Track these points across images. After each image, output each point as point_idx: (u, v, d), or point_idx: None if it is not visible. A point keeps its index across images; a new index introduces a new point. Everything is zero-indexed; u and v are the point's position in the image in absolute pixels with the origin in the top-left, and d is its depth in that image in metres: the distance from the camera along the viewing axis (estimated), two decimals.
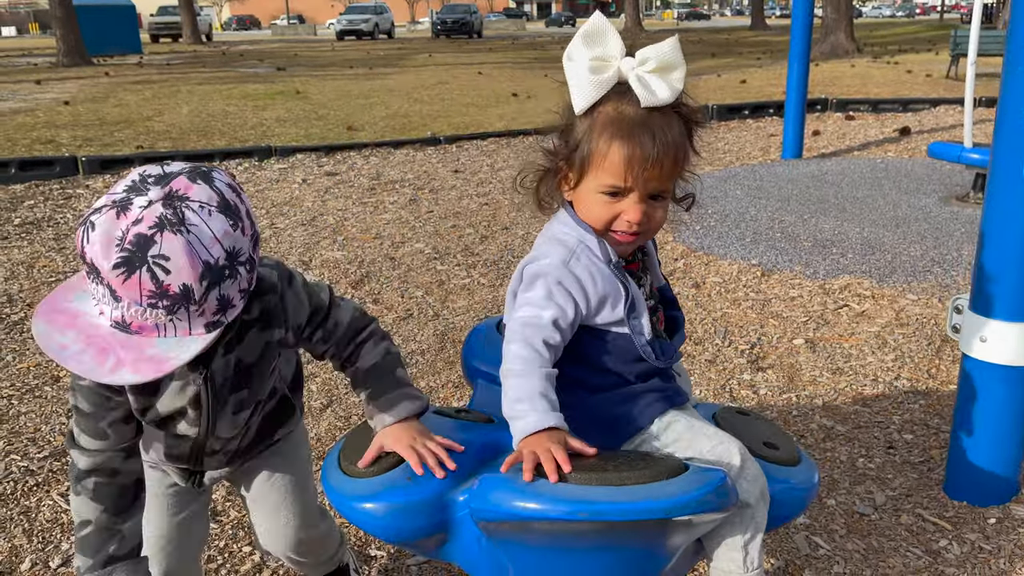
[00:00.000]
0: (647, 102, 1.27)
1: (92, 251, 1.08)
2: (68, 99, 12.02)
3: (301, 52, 26.26)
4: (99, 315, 1.13)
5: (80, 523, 1.30)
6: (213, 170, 1.18)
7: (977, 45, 4.54)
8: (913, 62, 16.85)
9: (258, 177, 6.58)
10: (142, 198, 1.09)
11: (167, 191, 1.10)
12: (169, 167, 1.15)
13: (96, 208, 1.10)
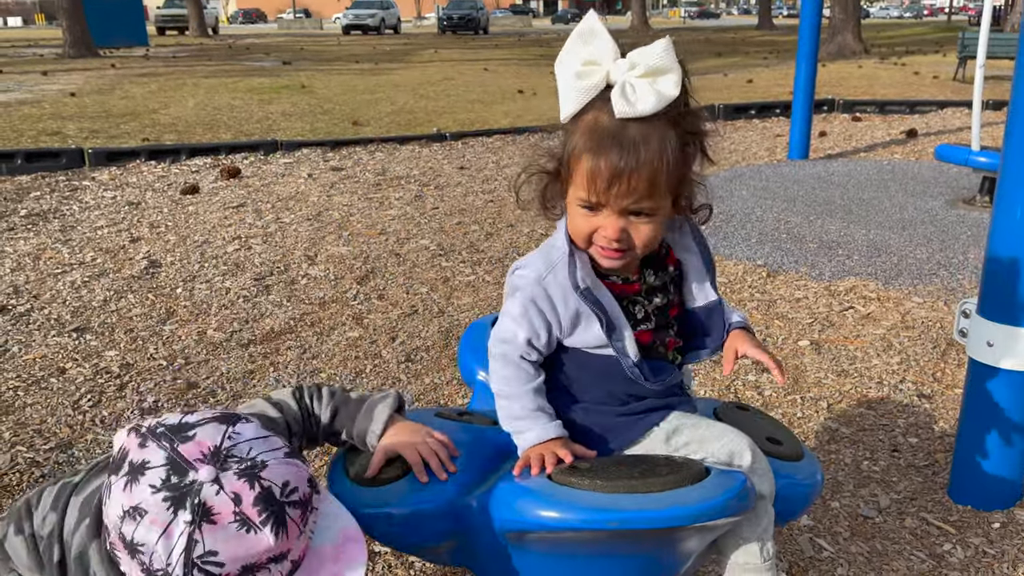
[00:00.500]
0: (621, 112, 1.19)
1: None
2: (74, 90, 12.03)
3: (307, 46, 26.24)
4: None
5: None
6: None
7: (986, 48, 4.52)
8: (920, 64, 16.81)
9: (264, 171, 6.58)
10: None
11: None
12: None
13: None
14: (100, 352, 3.17)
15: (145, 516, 0.99)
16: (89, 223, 5.00)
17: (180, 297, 3.77)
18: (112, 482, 1.04)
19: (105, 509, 1.04)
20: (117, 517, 1.01)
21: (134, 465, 1.02)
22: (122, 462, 1.04)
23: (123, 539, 1.01)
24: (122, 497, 1.01)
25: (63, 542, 1.16)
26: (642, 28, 37.98)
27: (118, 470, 1.04)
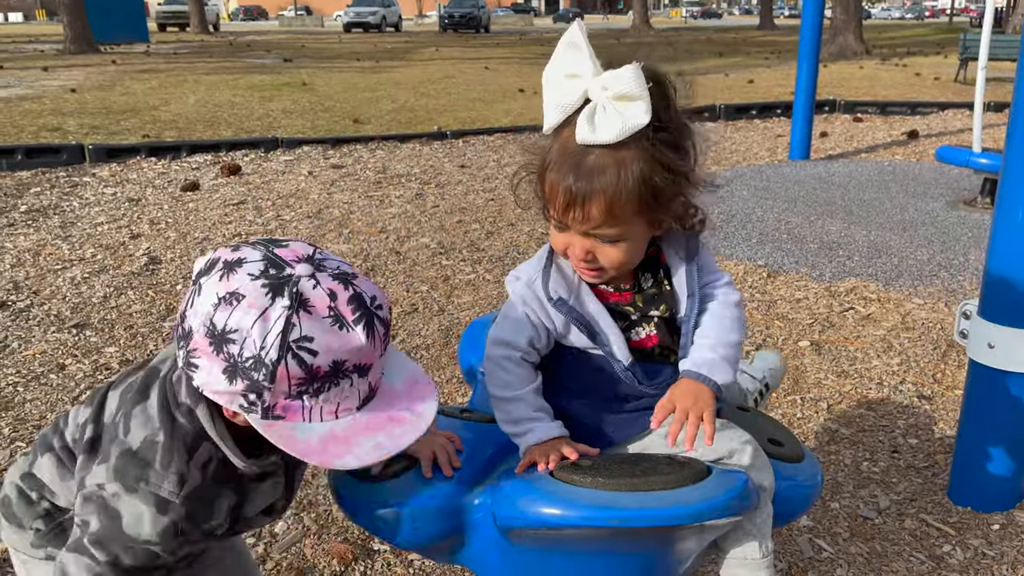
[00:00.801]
0: (583, 139, 1.16)
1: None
2: (75, 86, 12.02)
3: (308, 43, 26.23)
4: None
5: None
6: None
7: (988, 50, 4.52)
8: (922, 65, 16.80)
9: (264, 169, 6.58)
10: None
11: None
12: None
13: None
14: (100, 348, 3.17)
15: (242, 300, 0.98)
16: (89, 219, 5.00)
17: (180, 294, 3.77)
18: (203, 281, 1.01)
19: (191, 310, 1.01)
20: (211, 306, 0.98)
21: (229, 262, 1.01)
22: (213, 265, 1.02)
23: (212, 331, 0.98)
24: (217, 287, 0.99)
25: (101, 424, 1.16)
26: (643, 27, 37.95)
27: (210, 270, 1.02)
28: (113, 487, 1.08)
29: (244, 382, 0.99)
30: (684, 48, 23.31)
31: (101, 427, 1.15)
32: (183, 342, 1.02)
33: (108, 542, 1.08)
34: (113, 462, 1.10)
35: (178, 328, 1.04)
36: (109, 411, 1.16)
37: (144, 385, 1.15)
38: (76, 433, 1.18)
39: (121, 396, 1.17)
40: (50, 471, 1.21)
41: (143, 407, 1.13)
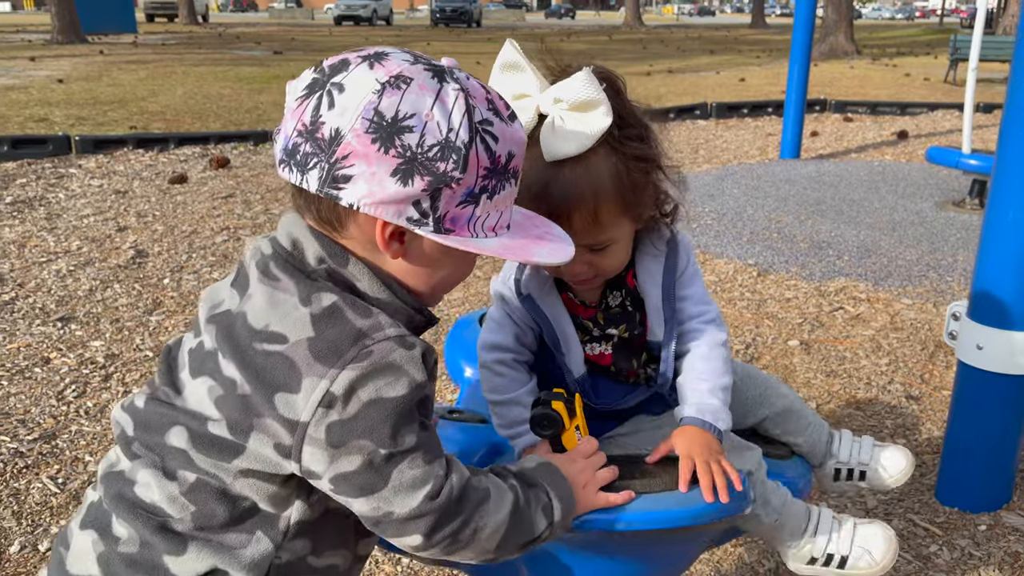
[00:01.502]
0: (551, 155, 1.12)
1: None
2: (62, 77, 11.91)
3: (298, 36, 26.09)
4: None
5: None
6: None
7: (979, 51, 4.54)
8: (912, 65, 16.89)
9: (253, 162, 6.53)
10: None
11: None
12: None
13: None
14: (85, 342, 3.14)
15: (411, 83, 0.85)
16: (75, 211, 4.95)
17: (167, 288, 3.73)
18: (340, 79, 0.86)
19: (330, 112, 0.85)
20: (371, 94, 0.84)
21: (370, 55, 0.88)
22: (344, 64, 0.88)
23: (379, 123, 0.83)
24: (373, 74, 0.85)
25: (230, 387, 0.95)
26: (635, 24, 37.97)
27: (344, 67, 0.87)
28: (342, 385, 0.85)
29: (425, 179, 0.84)
30: (676, 45, 23.32)
31: (236, 386, 0.89)
32: (318, 156, 0.85)
33: (387, 441, 0.88)
34: (311, 367, 0.86)
35: (303, 145, 0.86)
36: (226, 372, 0.90)
37: (240, 292, 0.94)
38: (201, 426, 0.92)
39: (226, 335, 0.91)
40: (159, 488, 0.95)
41: (272, 299, 0.90)
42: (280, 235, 0.94)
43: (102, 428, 2.53)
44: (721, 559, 2.01)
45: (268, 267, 0.92)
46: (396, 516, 0.90)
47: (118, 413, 1.01)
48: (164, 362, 1.01)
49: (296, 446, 0.87)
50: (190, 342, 0.98)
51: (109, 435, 2.48)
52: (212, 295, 1.00)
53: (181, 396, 0.95)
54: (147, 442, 0.95)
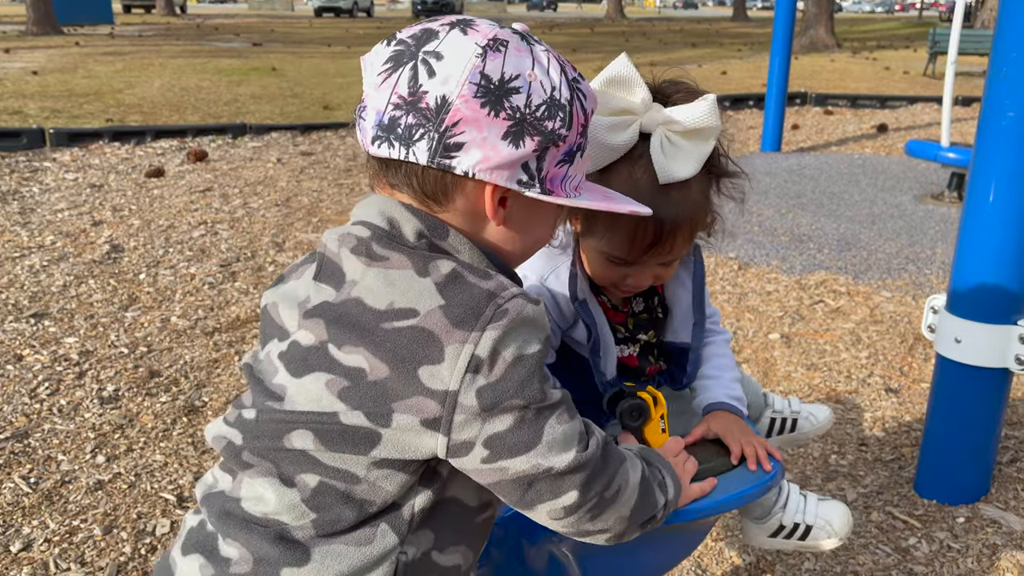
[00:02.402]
0: (665, 178, 1.12)
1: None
2: (37, 69, 11.73)
3: (278, 28, 25.86)
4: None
5: None
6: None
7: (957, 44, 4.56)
8: (891, 59, 17.00)
9: (231, 155, 6.46)
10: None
11: None
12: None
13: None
14: (59, 339, 3.08)
15: (508, 45, 0.84)
16: (49, 205, 4.87)
17: (143, 283, 3.68)
18: (434, 47, 0.84)
19: (432, 80, 0.82)
20: (474, 58, 0.82)
21: (456, 21, 0.87)
22: (429, 33, 0.86)
23: (487, 87, 0.82)
24: (471, 38, 0.83)
25: (355, 378, 0.90)
26: (617, 17, 37.96)
27: (433, 36, 0.85)
28: (486, 347, 0.82)
29: (535, 139, 0.84)
30: (658, 38, 23.33)
31: (365, 373, 0.84)
32: (425, 126, 0.83)
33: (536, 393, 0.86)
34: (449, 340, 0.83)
35: (404, 117, 0.83)
36: (346, 362, 0.85)
37: (341, 267, 0.89)
38: (328, 422, 0.87)
39: (342, 325, 0.86)
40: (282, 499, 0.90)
41: (387, 278, 0.86)
42: (371, 216, 0.90)
43: (75, 426, 2.49)
44: (702, 553, 2.00)
45: (371, 249, 0.88)
46: (555, 471, 0.88)
47: (220, 428, 0.96)
48: (251, 377, 0.97)
49: (447, 416, 0.84)
50: (276, 347, 0.93)
51: (83, 433, 2.44)
52: (288, 296, 0.95)
53: (285, 400, 0.90)
54: (260, 449, 0.91)
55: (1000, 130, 1.93)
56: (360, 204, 0.94)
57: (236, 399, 1.01)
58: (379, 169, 0.91)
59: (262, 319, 1.00)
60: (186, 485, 2.22)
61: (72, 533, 2.01)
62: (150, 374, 2.83)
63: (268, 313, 0.97)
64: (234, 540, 0.89)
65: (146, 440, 2.43)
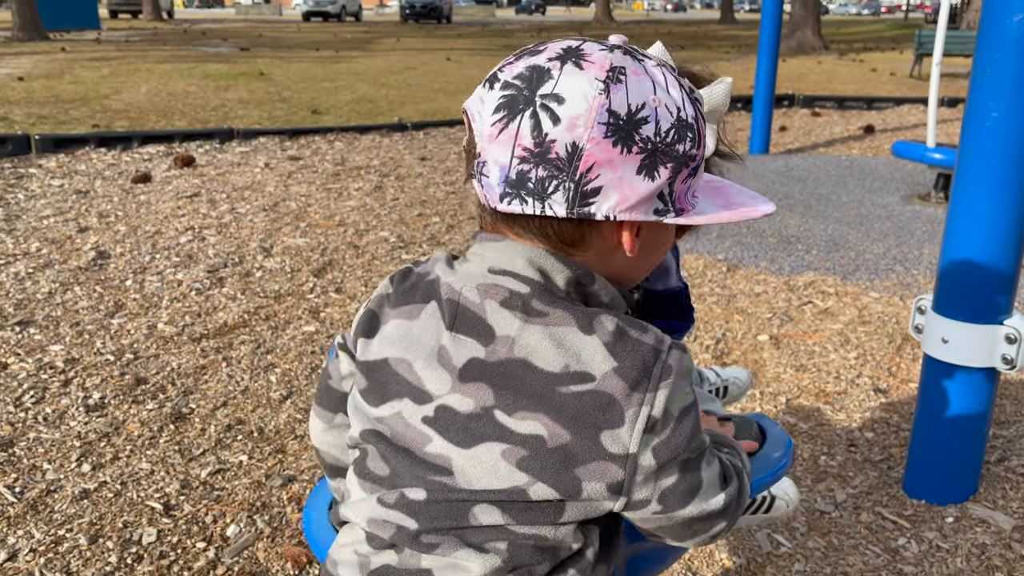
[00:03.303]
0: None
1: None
2: (22, 75, 11.66)
3: (266, 32, 25.80)
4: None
5: None
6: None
7: (943, 46, 4.58)
8: (878, 60, 17.10)
9: (219, 160, 6.43)
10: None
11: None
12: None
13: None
14: (44, 346, 3.06)
15: (626, 72, 0.79)
16: (35, 212, 4.83)
17: (129, 289, 3.66)
18: (548, 88, 0.78)
19: (558, 127, 0.77)
20: (596, 94, 0.77)
21: (565, 50, 0.81)
22: (537, 72, 0.80)
23: (616, 124, 0.77)
24: (586, 75, 0.78)
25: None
26: (606, 19, 38.06)
27: (542, 78, 0.79)
28: (660, 407, 0.82)
29: (668, 166, 0.80)
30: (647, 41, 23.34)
31: (544, 441, 0.82)
32: (558, 178, 0.78)
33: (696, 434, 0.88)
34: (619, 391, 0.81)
35: (533, 170, 0.79)
36: (520, 430, 0.82)
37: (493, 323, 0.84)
38: (514, 497, 0.84)
39: (511, 389, 0.83)
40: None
41: (553, 337, 0.82)
42: (518, 268, 0.85)
43: (61, 435, 2.46)
44: (692, 555, 2.00)
45: (529, 304, 0.83)
46: (715, 511, 0.90)
47: (378, 511, 0.88)
48: (381, 442, 0.89)
49: (628, 479, 0.83)
50: (413, 410, 0.87)
51: (68, 441, 2.42)
52: (416, 348, 0.88)
53: (456, 475, 0.85)
54: (442, 530, 0.85)
55: (984, 131, 1.94)
56: (490, 248, 0.87)
57: (361, 468, 0.92)
58: (504, 220, 0.85)
59: (377, 371, 0.90)
60: (172, 493, 2.20)
61: (58, 543, 1.99)
62: (136, 381, 2.81)
63: (392, 368, 0.89)
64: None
65: (132, 448, 2.41)
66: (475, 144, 0.83)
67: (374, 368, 0.91)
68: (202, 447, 2.43)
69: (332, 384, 1.05)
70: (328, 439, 1.08)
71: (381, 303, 0.94)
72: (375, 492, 0.90)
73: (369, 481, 0.91)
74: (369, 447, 0.91)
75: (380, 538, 0.88)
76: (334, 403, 1.05)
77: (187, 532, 2.05)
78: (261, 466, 2.34)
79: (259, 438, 2.48)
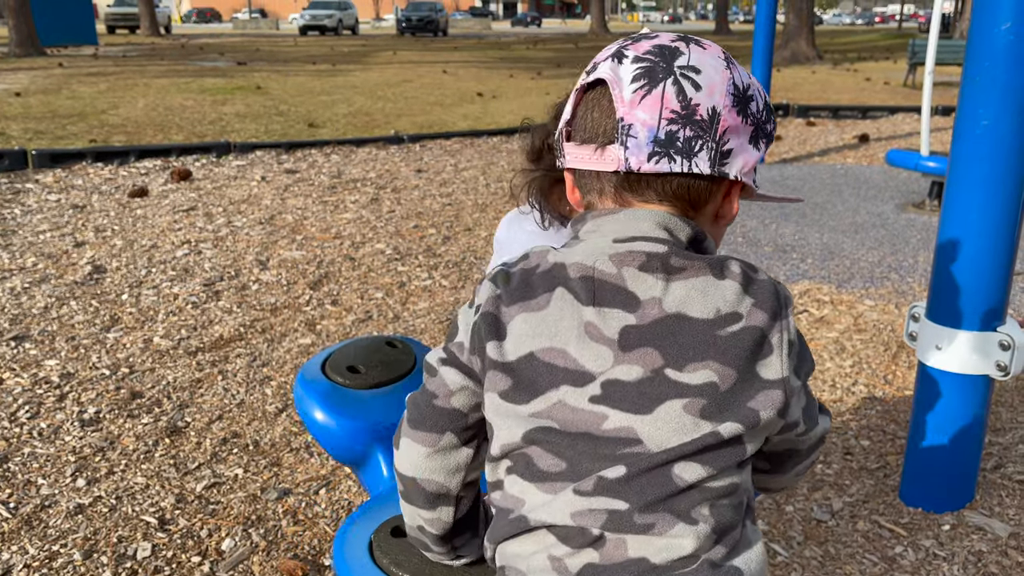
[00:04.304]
0: None
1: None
2: (19, 90, 11.68)
3: (262, 46, 25.90)
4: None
5: None
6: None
7: (935, 55, 4.61)
8: (872, 70, 17.18)
9: (216, 174, 6.45)
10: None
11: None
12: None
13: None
14: (40, 361, 3.05)
15: (732, 57, 0.93)
16: (31, 227, 4.84)
17: (125, 304, 3.66)
18: (687, 62, 0.88)
19: (700, 92, 0.87)
20: (724, 70, 0.89)
21: (679, 37, 0.92)
22: (667, 50, 0.89)
23: (738, 96, 0.89)
24: (708, 52, 0.90)
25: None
26: (601, 31, 38.25)
27: (674, 53, 0.88)
28: (792, 331, 0.91)
29: (763, 140, 0.94)
30: None
31: (716, 386, 0.85)
32: (703, 138, 0.87)
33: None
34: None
35: (681, 130, 0.86)
36: (693, 381, 0.85)
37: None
38: (707, 444, 0.85)
39: (673, 345, 0.86)
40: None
41: (697, 286, 0.88)
42: (651, 231, 0.89)
43: (56, 450, 2.46)
44: None
45: (668, 263, 0.88)
46: (827, 427, 1.03)
47: (579, 503, 0.86)
48: (553, 436, 0.87)
49: (785, 402, 0.88)
50: (576, 393, 0.87)
51: (63, 456, 2.41)
52: (562, 335, 0.88)
53: (645, 442, 0.85)
54: (652, 504, 0.85)
55: (975, 138, 1.95)
56: (607, 222, 0.91)
57: (530, 471, 0.89)
58: (634, 186, 0.90)
59: (523, 368, 0.89)
60: (167, 507, 2.20)
61: (52, 558, 1.98)
62: (132, 395, 2.80)
63: (540, 359, 0.88)
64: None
65: (127, 462, 2.40)
66: (614, 111, 0.88)
67: (519, 366, 0.89)
68: (197, 461, 2.42)
69: (438, 403, 0.96)
70: (432, 464, 0.99)
71: (495, 304, 0.91)
72: (562, 488, 0.87)
73: (547, 481, 0.88)
74: (532, 448, 0.88)
75: (587, 531, 0.85)
76: (442, 423, 0.97)
77: (182, 546, 2.05)
78: (256, 479, 2.33)
79: (255, 451, 2.48)
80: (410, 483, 1.01)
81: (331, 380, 1.48)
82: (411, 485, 1.01)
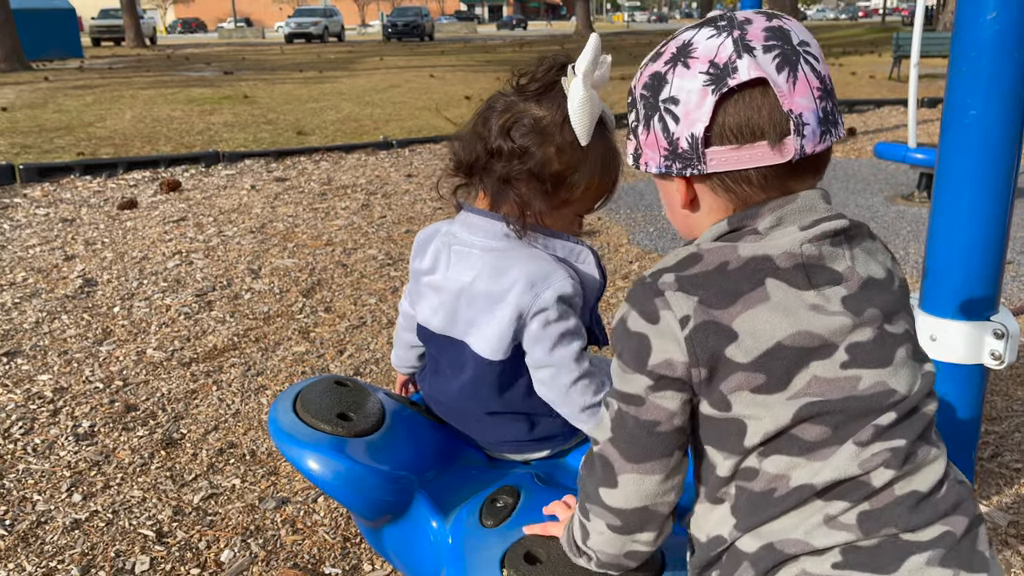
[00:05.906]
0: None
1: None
2: (5, 105, 11.62)
3: (249, 55, 25.84)
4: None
5: None
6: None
7: (920, 47, 4.63)
8: (857, 64, 17.25)
9: (205, 183, 6.42)
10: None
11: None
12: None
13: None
14: (32, 376, 3.04)
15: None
16: (20, 242, 4.81)
17: (117, 316, 3.64)
18: (797, 41, 0.91)
19: (815, 58, 0.92)
20: (816, 41, 0.94)
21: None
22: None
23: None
24: (793, 32, 0.91)
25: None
26: (586, 32, 38.32)
27: (787, 34, 0.91)
28: None
29: None
30: (627, 52, 23.53)
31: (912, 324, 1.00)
32: (836, 106, 0.95)
33: None
34: None
35: (828, 103, 0.92)
36: (898, 329, 0.96)
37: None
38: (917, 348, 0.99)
39: (886, 303, 0.96)
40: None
41: (868, 250, 0.99)
42: (822, 210, 0.96)
43: (51, 465, 2.44)
44: None
45: (849, 233, 0.96)
46: None
47: (865, 452, 0.90)
48: (819, 408, 0.90)
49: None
50: (824, 367, 0.91)
51: (59, 472, 2.40)
52: (791, 322, 0.90)
53: (897, 390, 0.93)
54: (919, 438, 0.93)
55: (963, 128, 1.95)
56: (783, 211, 0.94)
57: (797, 447, 0.91)
58: (798, 170, 0.94)
59: (774, 359, 0.90)
60: (165, 520, 2.18)
61: (49, 575, 1.97)
62: (126, 408, 2.78)
63: (788, 346, 0.90)
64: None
65: (123, 476, 2.39)
66: (779, 105, 0.89)
67: (768, 358, 0.90)
68: (194, 472, 2.41)
69: (662, 429, 0.94)
70: (666, 487, 0.97)
71: (706, 312, 0.90)
72: (832, 451, 0.90)
73: (815, 450, 0.91)
74: (800, 426, 0.91)
75: (865, 483, 0.90)
76: (670, 445, 0.95)
77: (181, 559, 2.03)
78: (254, 489, 2.32)
79: (251, 461, 2.47)
80: (637, 513, 0.98)
81: (335, 433, 1.30)
82: (638, 515, 0.98)
